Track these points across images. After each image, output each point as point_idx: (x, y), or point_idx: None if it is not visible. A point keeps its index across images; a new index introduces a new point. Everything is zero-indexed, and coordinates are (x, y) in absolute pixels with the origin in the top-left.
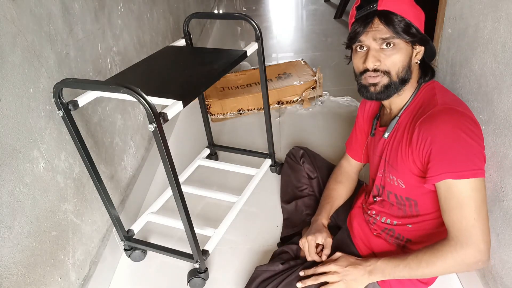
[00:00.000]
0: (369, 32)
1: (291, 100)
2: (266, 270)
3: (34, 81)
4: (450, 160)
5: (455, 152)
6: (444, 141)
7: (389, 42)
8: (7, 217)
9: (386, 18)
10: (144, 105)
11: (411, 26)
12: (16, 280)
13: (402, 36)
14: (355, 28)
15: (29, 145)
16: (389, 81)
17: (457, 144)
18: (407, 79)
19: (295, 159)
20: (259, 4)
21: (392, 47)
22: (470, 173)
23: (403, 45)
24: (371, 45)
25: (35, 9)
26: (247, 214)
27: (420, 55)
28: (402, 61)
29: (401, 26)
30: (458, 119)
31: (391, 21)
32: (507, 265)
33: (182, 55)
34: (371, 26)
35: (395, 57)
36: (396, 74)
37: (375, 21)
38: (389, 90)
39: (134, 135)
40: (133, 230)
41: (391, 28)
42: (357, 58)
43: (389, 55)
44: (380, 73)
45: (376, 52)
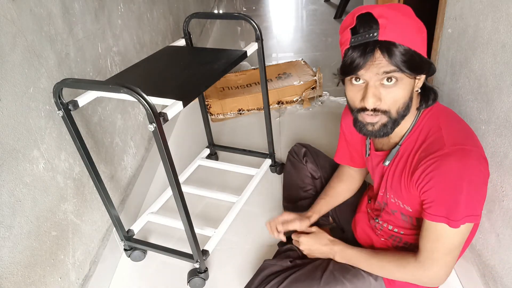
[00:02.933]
0: (371, 66)
1: (291, 100)
2: (274, 264)
3: (34, 81)
4: (451, 205)
5: (458, 197)
6: (450, 186)
7: (392, 76)
8: (7, 217)
9: (389, 50)
10: (144, 105)
11: (415, 57)
12: (16, 280)
13: (406, 71)
14: (352, 59)
15: (29, 145)
16: (388, 120)
17: (461, 190)
18: (406, 114)
19: (298, 158)
20: (259, 4)
21: (394, 83)
22: (463, 221)
23: (406, 79)
24: (370, 81)
25: (35, 9)
26: (247, 214)
27: (421, 82)
28: (405, 97)
29: (405, 60)
30: (466, 163)
31: (394, 55)
32: (507, 265)
33: (182, 55)
34: (372, 59)
35: (397, 93)
36: (397, 111)
37: (376, 54)
38: (387, 128)
39: (134, 135)
40: (133, 230)
41: (394, 62)
42: (353, 92)
43: (390, 92)
44: (379, 113)
45: (376, 89)
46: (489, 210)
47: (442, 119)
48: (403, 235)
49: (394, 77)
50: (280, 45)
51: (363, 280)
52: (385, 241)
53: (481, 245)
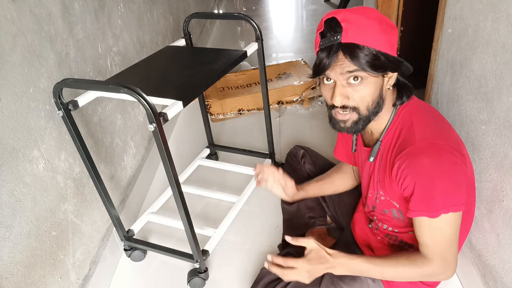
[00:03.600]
0: (335, 66)
1: (291, 100)
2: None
3: (34, 81)
4: (427, 199)
5: (432, 192)
6: (423, 181)
7: (356, 75)
8: (7, 217)
9: (351, 51)
10: (144, 105)
11: (379, 57)
12: (16, 280)
13: (369, 70)
14: (320, 60)
15: (29, 145)
16: (358, 117)
17: (434, 184)
18: (378, 111)
19: (296, 159)
20: (259, 4)
21: (360, 81)
22: (445, 210)
23: (371, 78)
24: (337, 80)
25: (35, 9)
26: (247, 214)
27: (393, 79)
28: (372, 94)
29: (367, 60)
30: (436, 158)
31: (356, 56)
32: (507, 265)
33: (182, 55)
34: (336, 60)
35: (364, 91)
36: (366, 108)
37: (339, 55)
38: (359, 125)
39: (134, 135)
40: (133, 230)
41: (356, 63)
42: (325, 90)
43: (357, 90)
44: (348, 110)
45: (343, 88)
46: (489, 210)
47: (414, 114)
48: (398, 234)
49: (359, 76)
50: (280, 45)
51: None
52: (381, 240)
53: (481, 245)
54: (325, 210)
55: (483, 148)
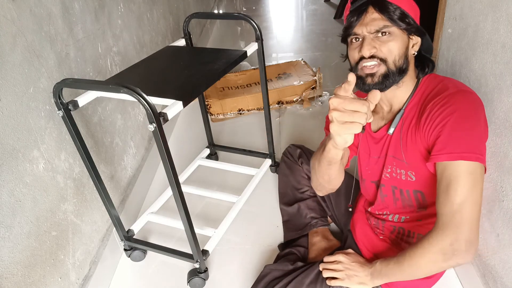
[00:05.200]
0: (364, 22)
1: (291, 100)
2: (275, 269)
3: (34, 81)
4: (455, 141)
5: (462, 134)
6: (454, 122)
7: (384, 31)
8: (7, 217)
9: (380, 6)
10: (144, 105)
11: (406, 15)
12: (16, 280)
13: (397, 23)
14: (349, 20)
15: (29, 145)
16: (387, 70)
17: (466, 127)
18: (405, 69)
19: (293, 159)
20: (259, 4)
21: (388, 35)
22: (468, 155)
23: (398, 33)
24: (366, 35)
25: (35, 9)
26: (247, 214)
27: (417, 46)
28: (399, 49)
29: (396, 14)
30: (472, 103)
31: (385, 9)
32: (507, 265)
33: (182, 55)
34: (365, 15)
35: (391, 44)
36: (394, 62)
37: (369, 10)
38: (388, 80)
39: (134, 135)
40: (133, 230)
41: (385, 15)
42: (353, 49)
43: (385, 42)
44: (377, 61)
45: (371, 40)
46: (489, 210)
47: (441, 77)
48: (405, 223)
49: (388, 31)
50: (280, 45)
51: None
52: (384, 239)
53: (481, 245)
54: (325, 210)
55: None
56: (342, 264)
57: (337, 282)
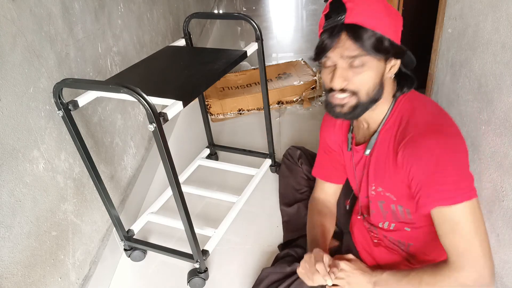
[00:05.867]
0: (336, 48)
1: (291, 100)
2: (273, 272)
3: (34, 81)
4: (440, 187)
5: (444, 178)
6: (430, 169)
7: (358, 61)
8: (7, 217)
9: (354, 33)
10: (144, 105)
11: (383, 41)
12: (16, 280)
13: (372, 53)
14: (322, 42)
15: (29, 145)
16: (357, 102)
17: (444, 170)
18: (377, 99)
19: (293, 160)
20: (259, 4)
21: (362, 66)
22: (462, 197)
23: (374, 62)
24: (338, 63)
25: (35, 9)
26: (247, 214)
27: (396, 68)
28: (373, 80)
29: (371, 42)
30: (442, 143)
31: (359, 37)
32: (507, 265)
33: (182, 55)
34: (338, 41)
35: (365, 75)
36: (366, 93)
37: (342, 36)
38: (357, 111)
39: (134, 135)
40: (133, 230)
41: (359, 45)
42: (325, 74)
43: (358, 73)
44: (347, 93)
45: (343, 71)
46: (489, 210)
47: (416, 102)
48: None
49: (361, 61)
50: (280, 45)
51: None
52: (379, 242)
53: None
54: None
55: (483, 148)
56: (344, 272)
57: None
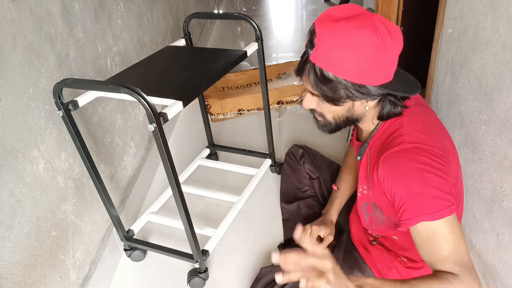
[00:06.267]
0: (302, 77)
1: (291, 100)
2: (271, 271)
3: (34, 81)
4: (421, 202)
5: (424, 194)
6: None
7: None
8: (7, 217)
9: (310, 75)
10: (144, 105)
11: (337, 90)
12: (16, 280)
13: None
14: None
15: (29, 145)
16: (325, 122)
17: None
18: (351, 124)
19: (295, 159)
20: (259, 4)
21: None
22: (445, 211)
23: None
24: (307, 88)
25: (35, 9)
26: (247, 214)
27: (372, 103)
28: (336, 113)
29: (322, 91)
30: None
31: (315, 82)
32: (507, 265)
33: (182, 55)
34: (304, 73)
35: (328, 108)
36: (334, 119)
37: (305, 71)
38: (326, 128)
39: (134, 135)
40: (133, 230)
41: (314, 87)
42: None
43: (322, 103)
44: (316, 114)
45: (311, 97)
46: (489, 210)
47: (406, 117)
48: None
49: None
50: (280, 45)
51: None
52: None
53: (481, 245)
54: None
55: (483, 148)
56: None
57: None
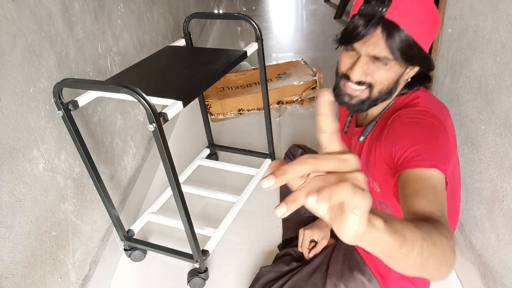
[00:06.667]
0: (366, 42)
1: (291, 100)
2: (270, 271)
3: (34, 81)
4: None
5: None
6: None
7: (383, 60)
8: (7, 217)
9: (389, 33)
10: (144, 105)
11: (413, 48)
12: (16, 280)
13: (398, 60)
14: (354, 26)
15: (29, 145)
16: (368, 97)
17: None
18: (386, 98)
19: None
20: (259, 4)
21: (385, 64)
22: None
23: (396, 66)
24: (362, 55)
25: (35, 9)
26: (247, 214)
27: (413, 72)
28: (390, 80)
29: (402, 48)
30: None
31: (393, 39)
32: (507, 265)
33: (182, 55)
34: (371, 36)
35: (385, 74)
36: (379, 91)
37: (376, 32)
38: (364, 105)
39: (134, 135)
40: (133, 230)
41: (389, 48)
42: (346, 58)
43: (378, 69)
44: (363, 87)
45: (365, 64)
46: (489, 210)
47: (422, 93)
48: None
49: (386, 62)
50: (280, 45)
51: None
52: None
53: (481, 245)
54: None
55: (483, 148)
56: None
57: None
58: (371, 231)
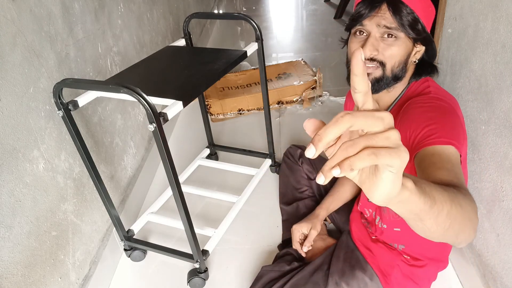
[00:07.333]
0: (374, 17)
1: (291, 100)
2: (272, 270)
3: (34, 81)
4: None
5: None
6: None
7: (392, 33)
8: (7, 217)
9: (394, 6)
10: (144, 105)
11: (418, 22)
12: (16, 280)
13: (406, 30)
14: (359, 10)
15: (29, 145)
16: (382, 75)
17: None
18: (400, 77)
19: (293, 159)
20: (259, 4)
21: (394, 39)
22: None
23: (405, 39)
24: (372, 31)
25: (35, 9)
26: (247, 214)
27: (420, 54)
28: (401, 55)
29: (408, 20)
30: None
31: (399, 12)
32: (507, 265)
33: (182, 55)
34: (378, 11)
35: (395, 49)
36: (391, 68)
37: (382, 7)
38: (380, 84)
39: (134, 135)
40: (133, 230)
41: (397, 18)
42: (355, 43)
43: (389, 46)
44: (374, 64)
45: (376, 41)
46: (489, 210)
47: (433, 83)
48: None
49: (395, 34)
50: (280, 45)
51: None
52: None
53: (481, 245)
54: None
55: (483, 148)
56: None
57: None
58: (402, 192)
